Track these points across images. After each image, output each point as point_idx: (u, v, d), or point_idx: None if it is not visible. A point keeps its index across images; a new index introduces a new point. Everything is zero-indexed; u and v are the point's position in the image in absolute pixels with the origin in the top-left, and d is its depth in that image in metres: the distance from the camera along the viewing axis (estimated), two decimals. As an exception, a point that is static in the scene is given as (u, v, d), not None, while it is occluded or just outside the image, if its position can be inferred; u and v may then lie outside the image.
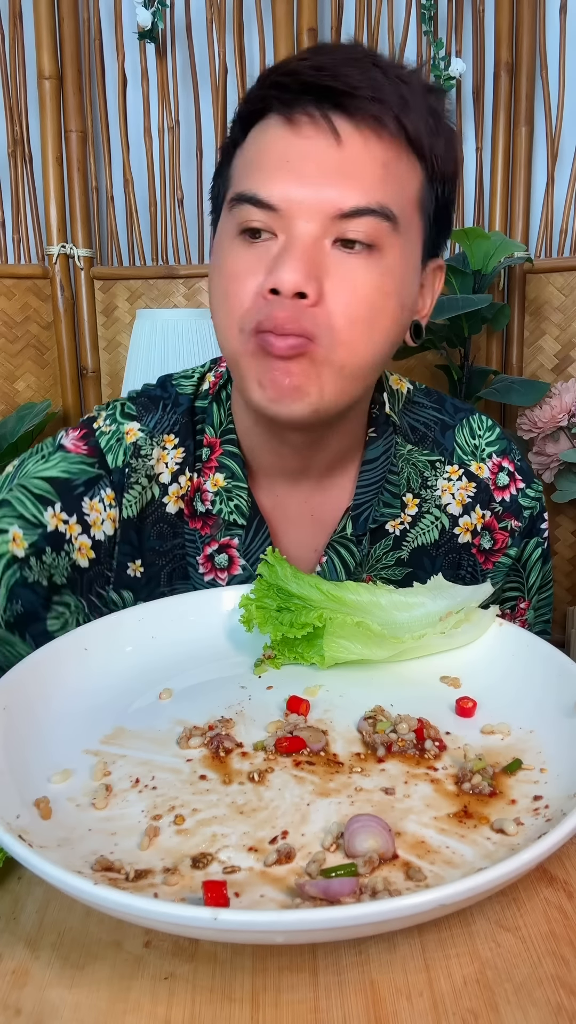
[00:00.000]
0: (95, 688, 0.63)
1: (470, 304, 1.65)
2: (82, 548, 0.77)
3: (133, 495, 0.78)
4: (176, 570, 0.81)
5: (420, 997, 0.41)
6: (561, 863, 0.49)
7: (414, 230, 0.69)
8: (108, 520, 0.77)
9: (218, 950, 0.44)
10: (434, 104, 0.68)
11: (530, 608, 0.89)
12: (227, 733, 0.58)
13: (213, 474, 0.79)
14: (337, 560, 0.80)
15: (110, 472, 0.78)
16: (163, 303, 2.10)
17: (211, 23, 1.99)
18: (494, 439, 0.85)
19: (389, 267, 0.66)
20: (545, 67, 1.96)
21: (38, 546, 0.75)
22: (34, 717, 0.58)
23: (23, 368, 2.09)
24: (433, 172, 0.69)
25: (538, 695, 0.61)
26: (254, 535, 0.79)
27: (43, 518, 0.75)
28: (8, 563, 0.74)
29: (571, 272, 1.99)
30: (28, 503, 0.76)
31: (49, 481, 0.77)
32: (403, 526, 0.82)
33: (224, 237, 0.69)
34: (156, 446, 0.79)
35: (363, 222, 0.64)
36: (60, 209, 2.05)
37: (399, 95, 0.64)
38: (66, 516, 0.76)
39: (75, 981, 0.42)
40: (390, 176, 0.65)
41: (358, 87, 0.63)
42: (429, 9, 1.94)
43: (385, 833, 0.47)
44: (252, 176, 0.66)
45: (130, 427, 0.79)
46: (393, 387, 0.85)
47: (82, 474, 0.77)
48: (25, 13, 2.00)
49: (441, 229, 0.74)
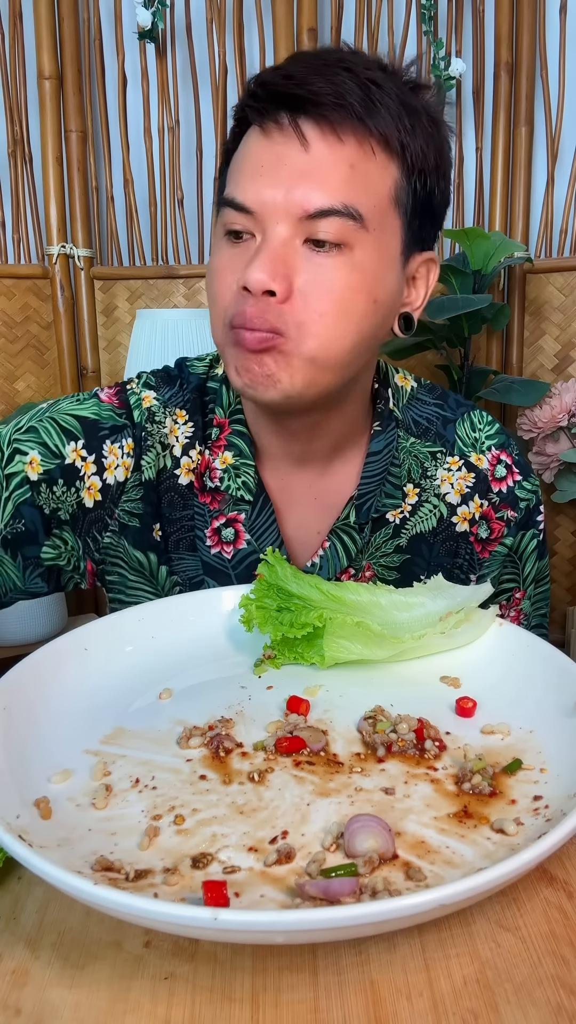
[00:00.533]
0: (95, 688, 0.63)
1: (470, 304, 1.66)
2: (91, 488, 0.81)
3: (150, 458, 0.82)
4: (184, 540, 0.85)
5: (420, 997, 0.41)
6: (561, 863, 0.50)
7: (389, 226, 0.71)
8: (122, 467, 0.81)
9: (218, 950, 0.44)
10: (410, 101, 0.70)
11: (526, 598, 0.91)
12: (227, 733, 0.58)
13: (222, 452, 0.83)
14: (339, 546, 0.83)
15: (135, 426, 0.82)
16: (163, 303, 2.10)
17: (211, 23, 1.99)
18: (493, 433, 0.88)
19: (359, 263, 0.69)
20: (545, 67, 1.96)
21: (52, 475, 0.79)
22: (34, 717, 0.58)
23: (23, 368, 2.09)
24: (410, 167, 0.71)
25: (538, 695, 0.61)
26: (259, 511, 0.83)
27: (64, 450, 0.80)
28: (20, 482, 0.79)
29: (571, 272, 1.99)
30: (54, 433, 0.80)
31: (78, 419, 0.81)
32: (403, 515, 0.85)
33: (215, 238, 0.74)
34: (168, 417, 0.84)
35: (330, 222, 0.67)
36: (60, 209, 2.05)
37: (365, 97, 0.67)
38: (85, 454, 0.80)
39: (75, 981, 0.42)
40: (357, 176, 0.68)
41: (320, 93, 0.66)
42: (429, 9, 1.94)
43: (385, 833, 0.47)
44: (233, 181, 0.71)
45: (147, 394, 0.84)
46: (398, 384, 0.88)
47: (110, 420, 0.82)
48: (25, 13, 2.00)
49: (427, 222, 0.75)
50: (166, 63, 2.04)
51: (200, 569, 0.85)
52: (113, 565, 0.84)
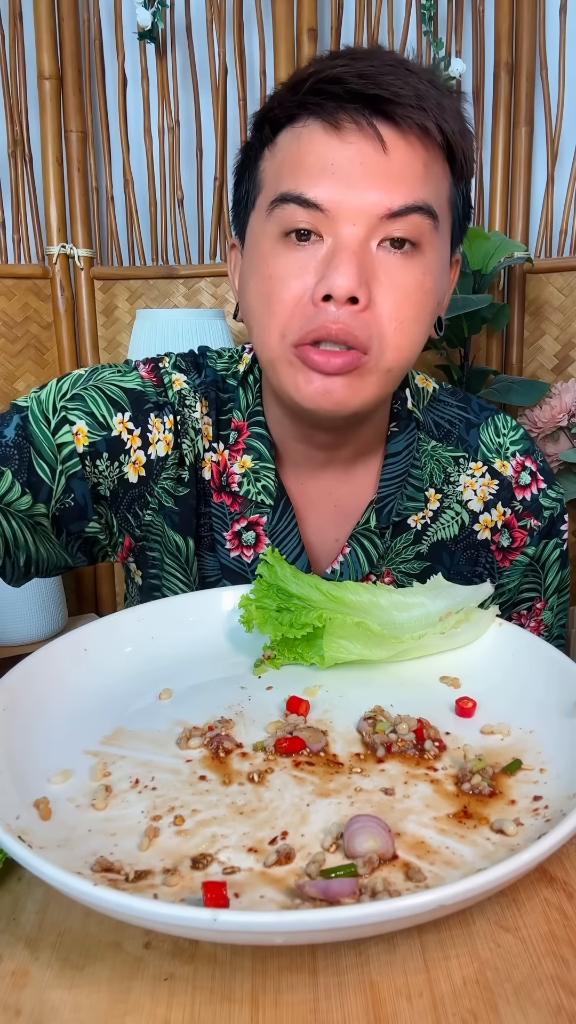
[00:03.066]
0: (95, 689, 0.63)
1: (470, 304, 1.65)
2: (136, 462, 0.79)
3: (189, 441, 0.80)
4: (205, 539, 0.83)
5: (420, 997, 0.41)
6: (561, 863, 0.49)
7: (446, 228, 0.71)
8: (163, 442, 0.79)
9: (218, 951, 0.44)
10: (457, 106, 0.70)
11: (547, 609, 0.89)
12: (227, 733, 0.58)
13: (241, 456, 0.81)
14: (360, 552, 0.82)
15: (172, 405, 0.80)
16: (163, 303, 2.10)
17: (211, 23, 1.99)
18: (518, 439, 0.86)
19: (428, 265, 0.68)
20: (545, 67, 1.96)
21: (97, 448, 0.77)
22: (34, 717, 0.58)
23: (23, 368, 2.09)
24: (461, 172, 0.71)
25: (538, 695, 0.61)
26: (280, 515, 0.81)
27: (111, 421, 0.77)
28: (70, 453, 0.76)
29: (571, 272, 1.99)
30: (101, 403, 0.77)
31: (125, 391, 0.79)
32: (424, 520, 0.84)
33: (264, 240, 0.69)
34: (198, 402, 0.81)
35: (409, 220, 0.66)
36: (60, 209, 2.05)
37: (437, 101, 0.66)
38: (132, 426, 0.78)
39: (75, 982, 0.42)
40: (430, 176, 0.67)
41: (402, 95, 0.64)
42: (429, 9, 1.94)
43: (385, 833, 0.47)
44: (296, 177, 0.66)
45: (177, 376, 0.82)
46: (419, 385, 0.87)
47: (153, 395, 0.80)
48: (25, 13, 2.00)
49: (463, 225, 0.76)
50: (166, 63, 2.03)
51: (218, 570, 0.83)
52: (154, 542, 0.83)
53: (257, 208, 0.71)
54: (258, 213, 0.71)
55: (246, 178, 0.74)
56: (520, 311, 2.03)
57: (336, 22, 2.00)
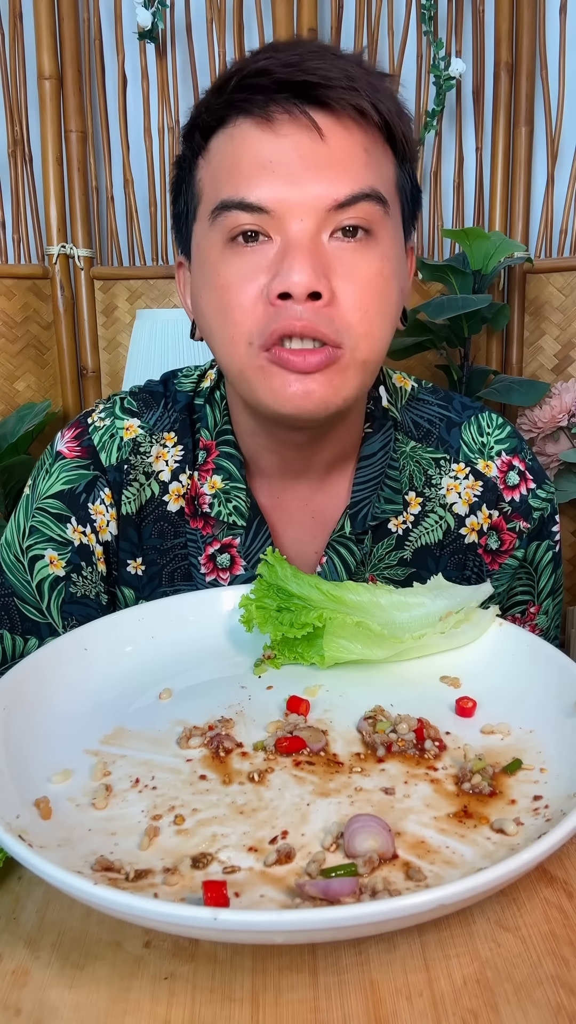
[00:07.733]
0: (95, 688, 0.63)
1: (470, 304, 1.65)
2: (98, 555, 0.80)
3: (131, 492, 0.79)
4: (178, 570, 0.81)
5: (420, 997, 0.41)
6: (561, 863, 0.49)
7: (397, 212, 0.70)
8: (112, 520, 0.79)
9: (218, 950, 0.44)
10: (394, 88, 0.69)
11: (541, 612, 0.87)
12: (227, 733, 0.58)
13: (210, 477, 0.79)
14: (337, 560, 0.80)
15: (104, 471, 0.78)
16: (163, 303, 2.09)
17: (211, 23, 1.99)
18: (504, 437, 0.83)
19: (384, 251, 0.67)
20: (545, 67, 1.96)
21: (73, 562, 0.78)
22: (34, 717, 0.58)
23: (23, 368, 2.09)
24: (404, 154, 0.70)
25: (538, 695, 0.61)
26: (254, 535, 0.79)
27: (68, 535, 0.78)
28: (52, 584, 0.78)
29: (571, 272, 1.99)
30: (52, 524, 0.78)
31: (57, 497, 0.78)
32: (406, 525, 0.81)
33: (211, 250, 0.67)
34: (156, 443, 0.80)
35: (358, 208, 0.64)
36: (60, 209, 2.04)
37: (369, 82, 0.64)
38: (82, 528, 0.79)
39: (75, 981, 0.42)
40: (372, 161, 0.66)
41: (331, 77, 0.62)
42: (429, 9, 1.94)
43: (385, 833, 0.47)
44: (235, 182, 0.64)
45: (129, 423, 0.80)
46: (396, 384, 0.84)
47: (80, 479, 0.78)
48: (25, 13, 2.00)
49: (412, 210, 0.74)
50: (166, 63, 2.03)
51: None
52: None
53: (199, 220, 0.69)
54: (200, 224, 0.68)
55: (183, 191, 0.72)
56: (520, 311, 2.03)
57: (336, 22, 2.00)
